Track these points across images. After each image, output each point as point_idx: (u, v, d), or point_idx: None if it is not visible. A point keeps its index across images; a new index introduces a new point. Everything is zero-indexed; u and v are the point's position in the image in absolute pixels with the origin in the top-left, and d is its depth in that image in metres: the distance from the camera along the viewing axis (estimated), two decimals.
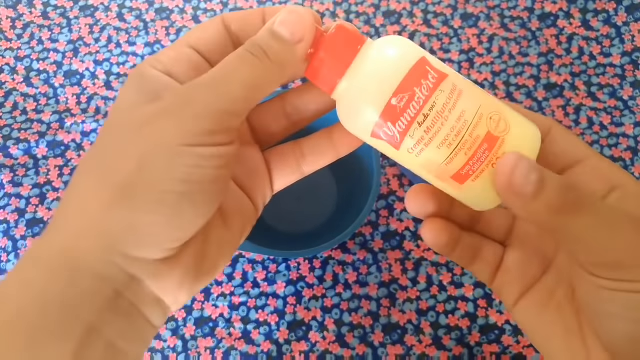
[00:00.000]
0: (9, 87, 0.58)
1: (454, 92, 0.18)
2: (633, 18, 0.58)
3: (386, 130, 0.18)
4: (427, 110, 0.18)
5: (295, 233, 0.51)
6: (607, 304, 0.18)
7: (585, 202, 0.17)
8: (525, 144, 0.18)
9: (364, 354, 0.46)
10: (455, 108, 0.18)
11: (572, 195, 0.17)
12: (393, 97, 0.18)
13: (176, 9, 0.61)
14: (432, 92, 0.18)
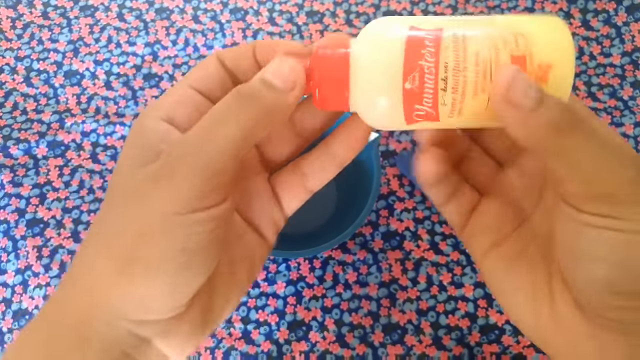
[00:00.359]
0: (9, 87, 0.58)
1: (457, 41, 0.17)
2: (633, 18, 0.58)
3: (418, 113, 0.18)
4: (443, 74, 0.17)
5: (295, 233, 0.51)
6: (591, 244, 0.17)
7: (586, 124, 0.16)
8: (555, 46, 0.17)
9: (364, 354, 0.46)
10: (467, 54, 0.17)
11: (572, 115, 0.16)
12: (405, 83, 0.17)
13: (176, 9, 0.61)
14: (437, 54, 0.17)
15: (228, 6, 0.61)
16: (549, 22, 0.18)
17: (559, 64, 0.17)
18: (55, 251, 0.50)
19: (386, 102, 0.18)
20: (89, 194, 0.53)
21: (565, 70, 0.17)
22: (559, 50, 0.17)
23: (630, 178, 0.16)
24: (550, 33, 0.18)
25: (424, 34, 0.17)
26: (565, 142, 0.16)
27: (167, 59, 0.58)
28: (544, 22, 0.18)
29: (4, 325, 0.48)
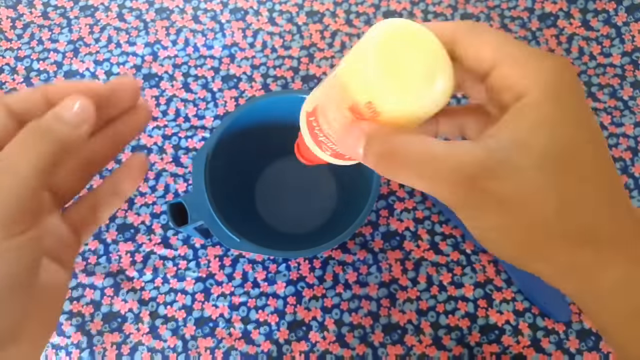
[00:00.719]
0: (9, 87, 0.58)
1: (323, 111, 0.22)
2: (633, 18, 0.58)
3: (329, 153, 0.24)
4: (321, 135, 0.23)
5: (295, 233, 0.51)
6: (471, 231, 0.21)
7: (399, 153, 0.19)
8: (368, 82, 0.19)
9: (364, 354, 0.46)
10: (329, 119, 0.21)
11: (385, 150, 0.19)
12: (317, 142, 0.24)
13: (176, 9, 0.61)
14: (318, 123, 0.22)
15: (228, 6, 0.61)
16: (365, 59, 0.19)
17: (379, 97, 0.19)
18: None
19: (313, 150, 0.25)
20: None
21: (389, 99, 0.19)
22: (371, 84, 0.19)
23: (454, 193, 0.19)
24: (364, 71, 0.19)
25: (311, 117, 0.23)
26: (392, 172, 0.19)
27: (167, 59, 0.58)
28: (361, 61, 0.19)
29: None
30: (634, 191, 0.51)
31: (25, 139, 0.19)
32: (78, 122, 0.20)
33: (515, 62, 0.19)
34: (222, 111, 0.56)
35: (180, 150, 0.54)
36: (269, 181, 0.53)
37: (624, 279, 0.18)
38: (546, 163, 0.18)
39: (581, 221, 0.18)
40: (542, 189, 0.18)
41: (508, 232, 0.19)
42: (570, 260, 0.19)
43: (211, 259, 0.50)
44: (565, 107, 0.18)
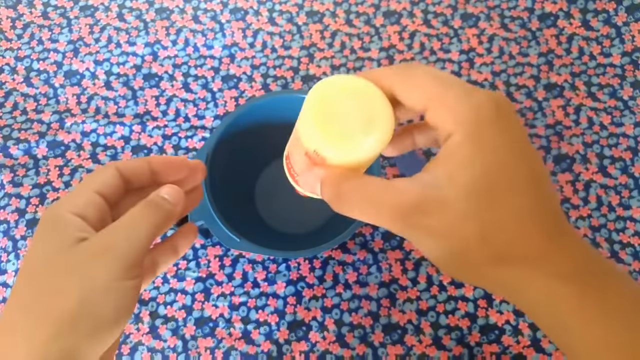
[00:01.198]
0: (9, 87, 0.58)
1: (291, 157, 0.26)
2: (633, 18, 0.58)
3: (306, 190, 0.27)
4: (295, 174, 0.26)
5: (295, 233, 0.51)
6: None
7: (345, 193, 0.22)
8: (309, 133, 0.22)
9: (364, 354, 0.46)
10: (296, 161, 0.25)
11: (337, 200, 0.22)
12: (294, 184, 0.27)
13: (176, 9, 0.61)
14: (292, 167, 0.26)
15: (228, 6, 0.61)
16: (305, 114, 0.23)
17: (320, 147, 0.22)
18: None
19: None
20: None
21: (328, 148, 0.22)
22: (311, 136, 0.22)
23: (395, 223, 0.21)
24: (306, 125, 0.22)
25: (287, 161, 0.26)
26: (344, 209, 0.22)
27: (167, 59, 0.58)
28: (304, 115, 0.23)
29: None
30: (634, 191, 0.51)
31: (144, 211, 0.26)
32: (176, 202, 0.27)
33: (441, 105, 0.21)
34: (222, 111, 0.56)
35: (180, 150, 0.54)
36: (269, 181, 0.53)
37: (540, 295, 0.21)
38: (469, 196, 0.20)
39: (501, 244, 0.20)
40: (465, 219, 0.20)
41: (442, 258, 0.21)
42: (498, 280, 0.21)
43: (211, 259, 0.50)
44: (484, 144, 0.20)
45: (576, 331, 0.20)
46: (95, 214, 0.26)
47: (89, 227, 0.25)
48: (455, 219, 0.20)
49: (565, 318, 0.20)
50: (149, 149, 0.54)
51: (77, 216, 0.25)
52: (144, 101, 0.57)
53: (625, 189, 0.51)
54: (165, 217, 0.26)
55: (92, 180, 0.27)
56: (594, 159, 0.52)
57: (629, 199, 0.51)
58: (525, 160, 0.21)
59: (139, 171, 0.28)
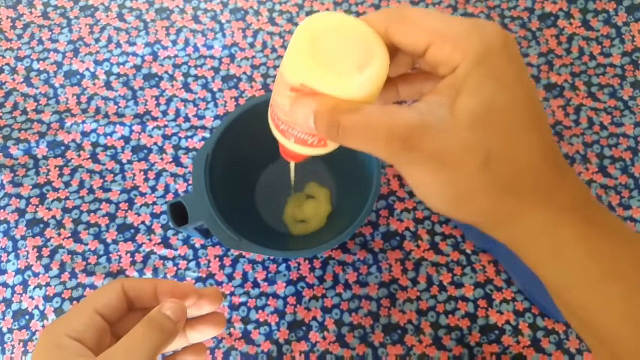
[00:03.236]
0: (9, 87, 0.58)
1: (273, 104, 0.24)
2: (633, 18, 0.58)
3: (310, 142, 0.25)
4: (280, 123, 0.24)
5: (295, 233, 0.51)
6: None
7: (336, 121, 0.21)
8: (295, 66, 0.21)
9: (364, 354, 0.46)
10: (280, 111, 0.24)
11: (325, 119, 0.21)
12: (287, 139, 0.25)
13: (176, 9, 0.61)
14: (278, 119, 0.25)
15: (228, 6, 0.61)
16: (294, 46, 0.22)
17: (308, 79, 0.21)
18: (55, 251, 0.50)
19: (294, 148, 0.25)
20: (89, 194, 0.53)
21: (316, 81, 0.21)
22: (298, 68, 0.21)
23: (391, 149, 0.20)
24: (293, 57, 0.21)
25: (271, 111, 0.25)
26: (339, 143, 0.22)
27: (167, 58, 0.58)
28: (291, 49, 0.22)
29: (4, 325, 0.48)
30: (634, 191, 0.51)
31: (144, 332, 0.25)
32: (178, 319, 0.27)
33: (445, 40, 0.21)
34: (222, 111, 0.56)
35: (180, 150, 0.54)
36: (269, 181, 0.53)
37: (543, 224, 0.20)
38: (474, 123, 0.19)
39: (504, 174, 0.20)
40: (469, 145, 0.20)
41: (440, 185, 0.21)
42: (495, 210, 0.21)
43: (211, 259, 0.50)
44: (492, 73, 0.20)
45: (575, 261, 0.21)
46: (94, 336, 0.26)
47: (88, 350, 0.25)
48: (458, 145, 0.19)
49: (564, 248, 0.20)
50: (149, 149, 0.54)
51: (75, 340, 0.25)
52: (144, 101, 0.57)
53: (625, 189, 0.51)
54: (167, 336, 0.26)
55: (95, 299, 0.27)
56: (594, 159, 0.52)
57: (629, 199, 0.51)
58: (532, 93, 0.21)
59: (144, 293, 0.28)
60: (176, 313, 0.27)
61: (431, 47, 0.21)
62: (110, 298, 0.27)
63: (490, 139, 0.20)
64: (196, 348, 0.31)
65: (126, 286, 0.28)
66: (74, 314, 0.26)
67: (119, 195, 0.53)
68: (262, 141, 0.49)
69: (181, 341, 0.30)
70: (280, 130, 0.25)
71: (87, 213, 0.52)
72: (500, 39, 0.20)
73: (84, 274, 0.49)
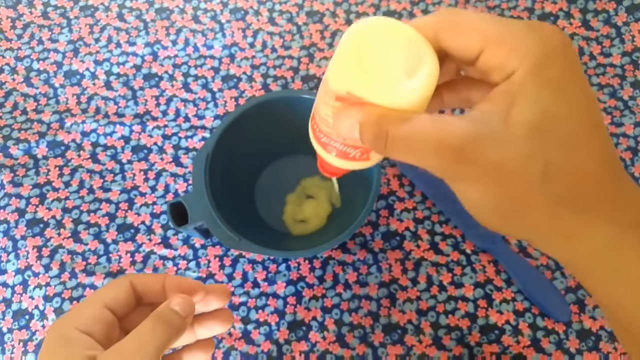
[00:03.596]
0: (9, 87, 0.58)
1: (317, 116, 0.24)
2: (633, 18, 0.58)
3: (355, 156, 0.24)
4: (322, 135, 0.24)
5: (295, 233, 0.51)
6: None
7: (385, 131, 0.20)
8: (344, 75, 0.21)
9: (364, 354, 0.46)
10: (323, 122, 0.23)
11: (373, 128, 0.20)
12: (330, 154, 0.24)
13: (176, 9, 0.61)
14: (320, 131, 0.24)
15: (228, 6, 0.61)
16: (341, 53, 0.21)
17: (355, 87, 0.20)
18: (55, 251, 0.50)
19: (338, 163, 0.24)
20: (89, 194, 0.53)
21: (363, 89, 0.20)
22: (344, 75, 0.20)
23: (442, 163, 0.20)
24: (340, 64, 0.21)
25: (312, 122, 0.24)
26: (387, 155, 0.21)
27: (167, 58, 0.58)
28: (338, 56, 0.21)
29: (4, 325, 0.48)
30: None
31: (153, 327, 0.25)
32: (186, 314, 0.27)
33: (500, 44, 0.19)
34: (222, 111, 0.56)
35: (180, 150, 0.54)
36: (269, 181, 0.53)
37: (606, 241, 0.19)
38: (532, 133, 0.18)
39: (564, 187, 0.19)
40: (527, 156, 0.18)
41: (495, 200, 0.20)
42: (553, 225, 0.20)
43: (211, 259, 0.50)
44: (551, 79, 0.19)
45: (638, 284, 0.19)
46: (103, 330, 0.26)
47: (97, 344, 0.25)
48: (515, 157, 0.18)
49: (626, 269, 0.19)
50: (149, 149, 0.54)
51: (84, 333, 0.25)
52: (144, 101, 0.57)
53: None
54: (176, 331, 0.26)
55: (105, 294, 0.27)
56: None
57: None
58: (592, 101, 0.20)
59: (152, 288, 0.29)
60: (184, 308, 0.27)
61: (485, 52, 0.20)
62: (119, 293, 0.27)
63: (548, 150, 0.19)
64: (204, 343, 0.31)
65: (135, 281, 0.28)
66: (84, 307, 0.26)
67: (119, 195, 0.53)
68: (262, 141, 0.49)
69: (189, 337, 0.30)
70: (322, 143, 0.23)
71: (87, 213, 0.52)
72: (559, 42, 0.19)
73: (84, 274, 0.49)
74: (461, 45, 0.20)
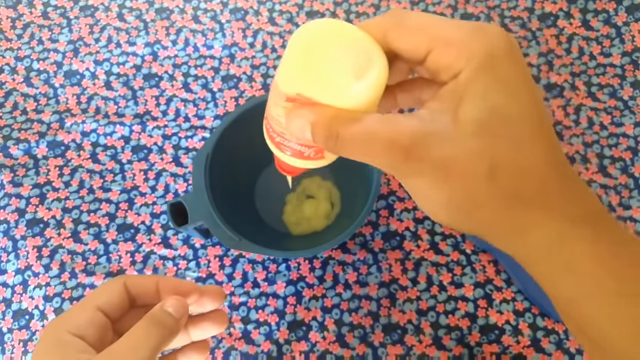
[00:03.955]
0: (9, 87, 0.58)
1: (268, 116, 0.24)
2: (633, 18, 0.58)
3: (307, 155, 0.24)
4: (275, 135, 0.24)
5: (295, 233, 0.51)
6: None
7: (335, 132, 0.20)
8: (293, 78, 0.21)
9: (364, 354, 0.46)
10: (273, 116, 0.23)
11: (323, 129, 0.20)
12: (283, 152, 0.24)
13: (176, 9, 0.61)
14: (273, 131, 0.24)
15: (228, 6, 0.61)
16: (288, 56, 0.21)
17: (304, 89, 0.20)
18: (55, 251, 0.50)
19: (290, 162, 0.25)
20: (89, 194, 0.53)
21: (312, 90, 0.20)
22: (293, 78, 0.21)
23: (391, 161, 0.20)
24: (288, 67, 0.21)
25: (266, 123, 0.24)
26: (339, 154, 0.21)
27: (167, 58, 0.58)
28: (286, 58, 0.21)
29: (4, 325, 0.48)
30: (634, 191, 0.51)
31: (146, 330, 0.25)
32: (180, 316, 0.27)
33: (447, 44, 0.20)
34: (222, 111, 0.56)
35: (181, 150, 0.54)
36: (269, 181, 0.53)
37: (557, 235, 0.20)
38: (479, 131, 0.19)
39: (511, 183, 0.19)
40: (474, 154, 0.19)
41: (444, 196, 0.20)
42: (501, 221, 0.20)
43: (211, 259, 0.50)
44: (497, 78, 0.19)
45: (588, 276, 0.20)
46: (96, 333, 0.26)
47: (90, 347, 0.25)
48: (462, 154, 0.19)
49: (577, 261, 0.20)
50: (149, 149, 0.54)
51: (76, 337, 0.25)
52: (144, 101, 0.57)
53: (625, 189, 0.51)
54: (170, 333, 0.26)
55: (98, 297, 0.27)
56: (594, 159, 0.52)
57: (629, 199, 0.51)
58: (538, 100, 0.20)
59: (146, 290, 0.28)
60: (178, 310, 0.27)
61: (432, 52, 0.20)
62: (112, 295, 0.27)
63: (496, 147, 0.19)
64: (199, 345, 0.30)
65: (128, 283, 0.28)
66: (76, 311, 0.26)
67: (119, 195, 0.53)
68: (262, 141, 0.49)
69: (183, 338, 0.30)
70: (276, 143, 0.24)
71: (87, 213, 0.52)
72: (505, 43, 0.20)
73: (84, 274, 0.49)
74: (409, 46, 0.21)
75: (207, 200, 0.42)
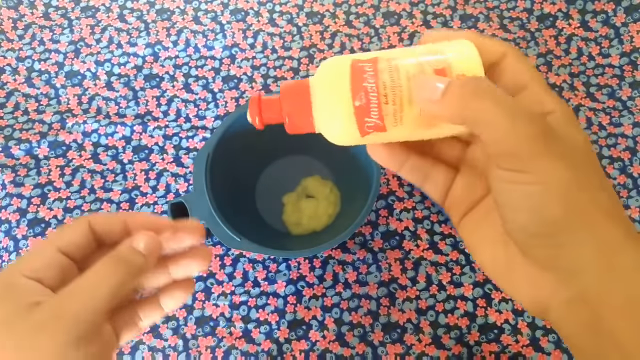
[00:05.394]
0: (11, 88, 0.58)
1: (391, 64, 0.22)
2: (632, 19, 0.58)
3: (368, 124, 0.22)
4: (383, 90, 0.21)
5: (295, 233, 0.51)
6: (508, 197, 0.21)
7: (485, 90, 0.20)
8: (466, 61, 0.21)
9: (363, 352, 0.47)
10: (400, 73, 0.21)
11: (472, 85, 0.20)
12: (355, 101, 0.21)
13: (177, 10, 0.61)
14: (376, 76, 0.21)
15: (228, 7, 0.61)
16: (461, 44, 0.22)
17: (471, 73, 0.21)
18: None
19: (342, 119, 0.22)
20: (90, 194, 0.53)
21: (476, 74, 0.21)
22: (469, 63, 0.21)
23: (529, 135, 0.19)
24: (462, 51, 0.22)
25: (364, 64, 0.22)
26: (472, 107, 0.20)
27: (168, 59, 0.59)
28: (457, 44, 0.22)
29: None
30: (633, 191, 0.51)
31: (106, 268, 0.24)
32: (149, 252, 0.25)
33: (544, 88, 0.22)
34: (223, 111, 0.56)
35: (181, 150, 0.55)
36: (269, 181, 0.53)
37: (636, 260, 0.20)
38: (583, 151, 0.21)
39: (610, 202, 0.20)
40: (589, 163, 0.20)
41: (563, 186, 0.20)
42: (605, 234, 0.20)
43: (211, 259, 0.50)
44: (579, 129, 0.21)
45: None
46: (57, 275, 0.24)
47: (47, 289, 0.23)
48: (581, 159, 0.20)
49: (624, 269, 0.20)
50: (150, 149, 0.55)
51: (32, 280, 0.23)
52: (145, 101, 0.57)
53: (624, 189, 0.51)
54: (136, 270, 0.24)
55: (59, 237, 0.25)
56: None
57: (628, 199, 0.51)
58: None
59: (113, 228, 0.27)
60: (148, 246, 0.25)
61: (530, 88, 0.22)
62: (74, 235, 0.25)
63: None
64: (183, 284, 0.29)
65: (93, 222, 0.26)
66: (34, 253, 0.25)
67: (120, 195, 0.53)
68: (262, 141, 0.49)
69: (162, 277, 0.28)
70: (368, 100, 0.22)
71: (89, 213, 0.52)
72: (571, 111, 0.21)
73: None
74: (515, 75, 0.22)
75: (208, 200, 0.42)
